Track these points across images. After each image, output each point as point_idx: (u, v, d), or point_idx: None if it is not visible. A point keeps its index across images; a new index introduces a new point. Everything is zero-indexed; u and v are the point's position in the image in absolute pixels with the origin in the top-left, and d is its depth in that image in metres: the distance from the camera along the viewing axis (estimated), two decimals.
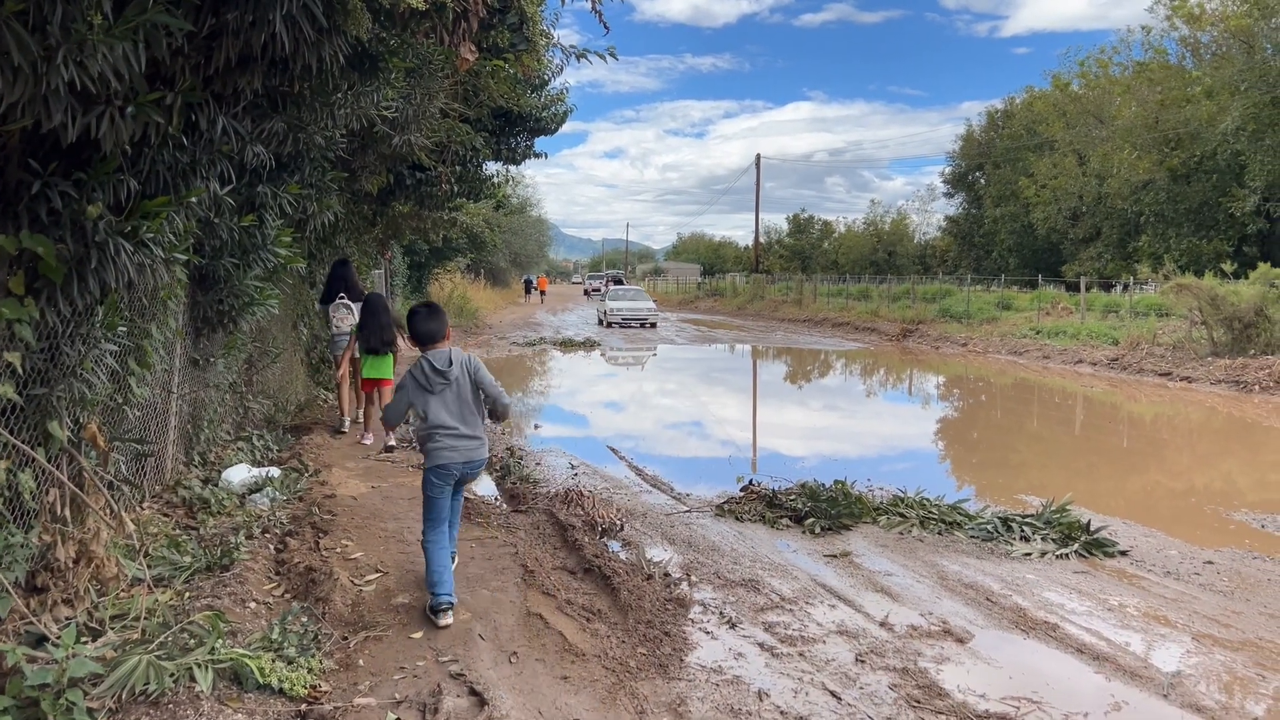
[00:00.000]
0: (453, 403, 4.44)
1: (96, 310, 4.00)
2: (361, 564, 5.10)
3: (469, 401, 4.48)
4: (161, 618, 3.70)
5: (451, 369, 4.45)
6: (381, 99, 5.54)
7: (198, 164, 4.20)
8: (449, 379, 4.43)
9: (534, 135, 12.18)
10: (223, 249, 5.71)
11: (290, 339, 10.01)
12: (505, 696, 3.56)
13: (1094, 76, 43.02)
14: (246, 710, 3.27)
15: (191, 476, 6.06)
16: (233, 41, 3.69)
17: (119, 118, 3.32)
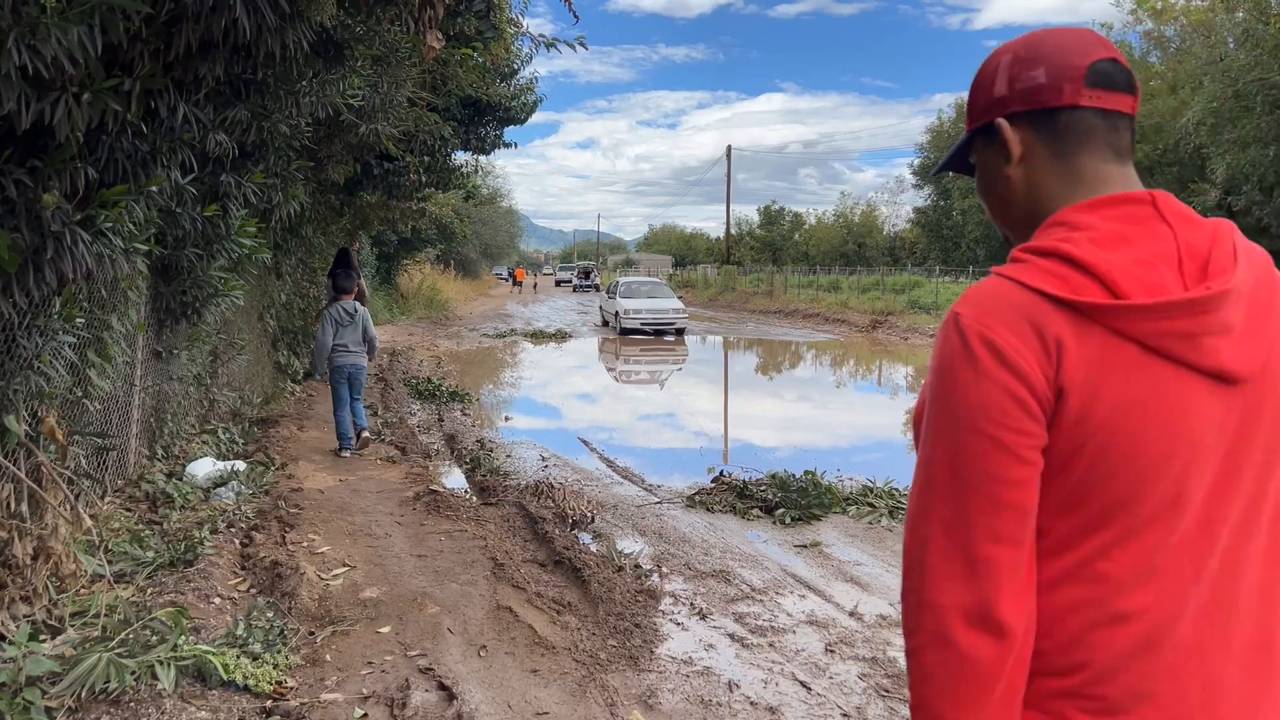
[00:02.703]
0: (351, 334, 7.90)
1: (54, 301, 3.92)
2: (328, 558, 5.05)
3: (359, 336, 7.96)
4: (122, 614, 3.63)
5: (356, 314, 7.95)
6: (347, 87, 5.46)
7: (158, 152, 4.11)
8: (355, 319, 7.93)
9: (503, 125, 12.09)
10: (185, 239, 5.61)
11: (256, 331, 9.89)
12: (474, 690, 3.53)
13: None
14: (210, 707, 3.22)
15: (155, 470, 5.97)
16: (193, 27, 3.61)
17: (75, 104, 3.24)
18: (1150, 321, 1.08)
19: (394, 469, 7.57)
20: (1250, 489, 1.12)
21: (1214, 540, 1.10)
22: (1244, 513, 1.12)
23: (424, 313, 29.42)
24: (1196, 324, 1.09)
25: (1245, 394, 1.12)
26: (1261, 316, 1.14)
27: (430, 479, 7.24)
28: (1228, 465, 1.11)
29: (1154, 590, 1.09)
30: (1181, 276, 1.12)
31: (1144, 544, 1.09)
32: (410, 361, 16.28)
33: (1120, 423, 1.07)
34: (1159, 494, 1.08)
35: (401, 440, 8.85)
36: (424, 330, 24.28)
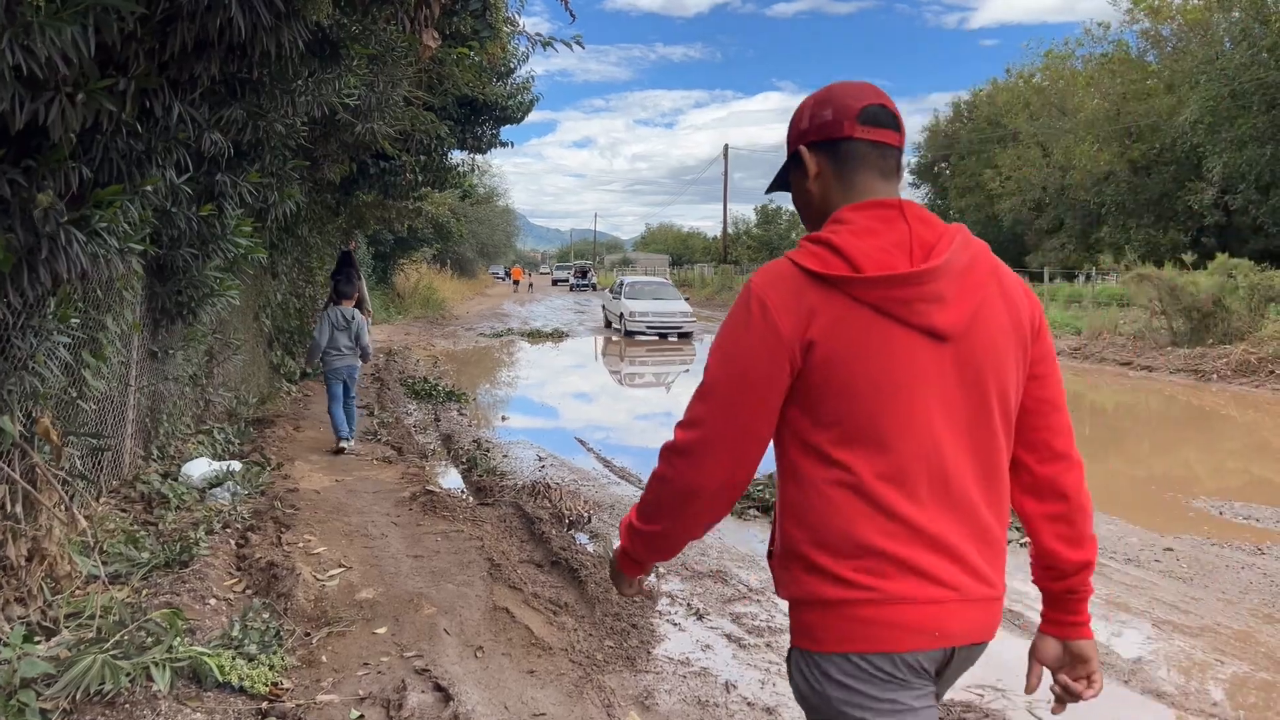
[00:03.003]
0: (344, 338, 8.19)
1: (48, 302, 3.91)
2: (324, 559, 5.04)
3: (352, 341, 8.24)
4: (118, 616, 3.62)
5: (353, 320, 8.27)
6: (344, 86, 5.44)
7: (153, 152, 4.10)
8: (350, 325, 8.23)
9: (500, 124, 12.07)
10: (181, 239, 5.59)
11: (252, 330, 9.87)
12: (471, 691, 3.52)
13: (1056, 69, 43.49)
14: (206, 709, 3.21)
15: (150, 471, 5.95)
16: (188, 26, 3.60)
17: (69, 104, 3.23)
18: (877, 290, 1.51)
19: (390, 469, 7.56)
20: (970, 411, 1.57)
21: (941, 445, 1.55)
22: (966, 426, 1.57)
23: (420, 312, 29.40)
24: (912, 293, 1.51)
25: (957, 345, 1.55)
26: (969, 291, 1.56)
27: (427, 479, 7.23)
28: (949, 395, 1.55)
29: (902, 484, 1.53)
30: (910, 260, 1.54)
31: (888, 452, 1.53)
32: (407, 361, 16.26)
33: (858, 365, 1.51)
34: (894, 415, 1.52)
35: (398, 440, 8.84)
36: (420, 330, 24.26)
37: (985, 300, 1.59)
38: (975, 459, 1.60)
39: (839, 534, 1.54)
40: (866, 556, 1.53)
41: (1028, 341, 1.64)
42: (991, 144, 44.98)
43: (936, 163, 53.23)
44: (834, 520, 1.55)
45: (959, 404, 1.57)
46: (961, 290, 1.56)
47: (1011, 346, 1.61)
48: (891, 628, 1.53)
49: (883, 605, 1.53)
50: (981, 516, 1.61)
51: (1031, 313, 1.66)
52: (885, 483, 1.53)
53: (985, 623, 1.63)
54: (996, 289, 1.62)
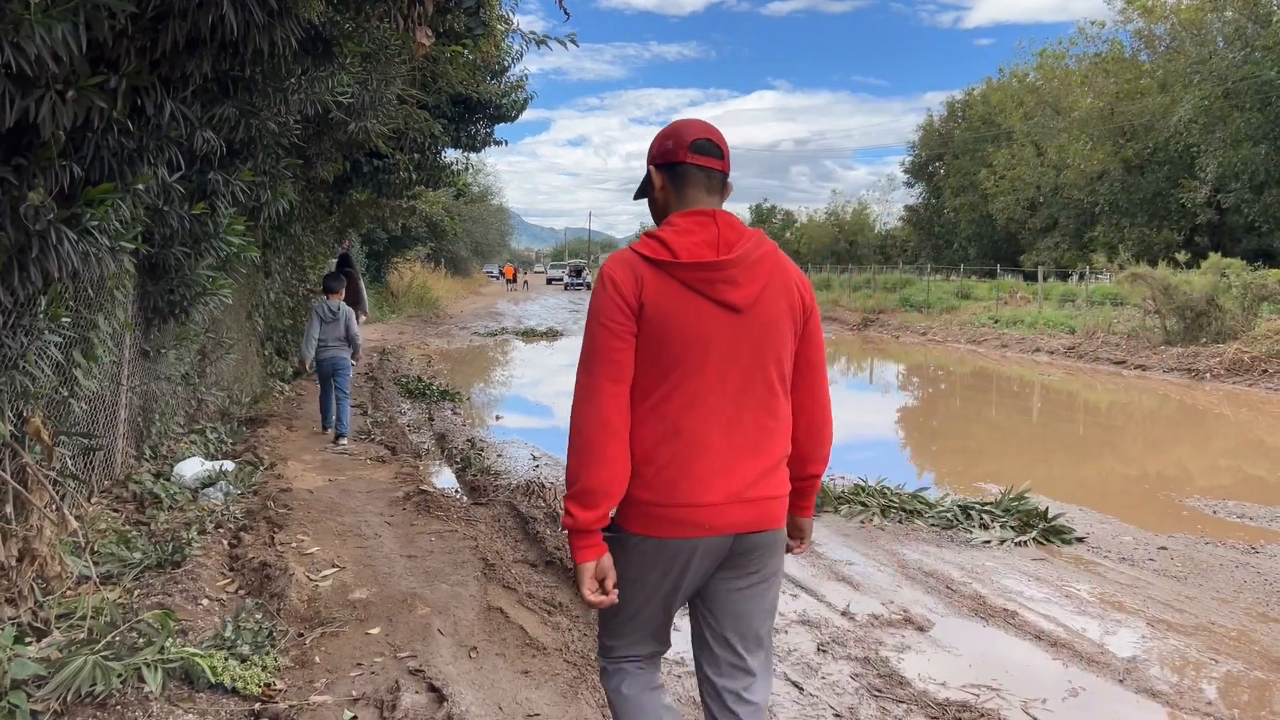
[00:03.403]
0: (333, 330, 8.53)
1: (39, 300, 3.88)
2: (318, 559, 5.02)
3: (341, 333, 8.56)
4: (109, 616, 3.60)
5: (339, 313, 8.57)
6: (336, 84, 5.41)
7: (145, 150, 4.07)
8: (337, 317, 8.55)
9: (494, 122, 12.04)
10: (173, 237, 5.56)
11: (245, 330, 9.84)
12: (465, 692, 3.51)
13: (1050, 68, 43.55)
14: (198, 710, 3.19)
15: (142, 470, 5.92)
16: (179, 23, 3.58)
17: (59, 102, 3.21)
18: (689, 272, 2.13)
19: (384, 469, 7.53)
20: (753, 364, 2.18)
21: (728, 387, 2.16)
22: (744, 376, 2.17)
23: (414, 311, 29.35)
24: (714, 275, 2.13)
25: (745, 316, 2.16)
26: (757, 277, 2.18)
27: (420, 479, 7.21)
28: (739, 350, 2.16)
29: (696, 415, 2.14)
30: (716, 253, 2.15)
31: (686, 390, 2.13)
32: (400, 360, 16.23)
33: (671, 323, 2.11)
34: (696, 361, 2.13)
35: (392, 440, 8.82)
36: (414, 329, 24.23)
37: (769, 285, 2.21)
38: (754, 398, 2.20)
39: (645, 444, 2.16)
40: (660, 464, 2.15)
41: (800, 317, 2.28)
42: (986, 143, 45.04)
43: (931, 162, 53.28)
44: (645, 438, 2.16)
45: (746, 358, 2.19)
46: (751, 277, 2.18)
47: (787, 320, 2.24)
48: (668, 521, 2.17)
49: (662, 506, 2.16)
50: (758, 438, 2.21)
51: (803, 297, 2.29)
52: (686, 409, 2.15)
53: (760, 516, 2.22)
54: (779, 278, 2.24)
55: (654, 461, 2.14)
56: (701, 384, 2.14)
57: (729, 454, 2.17)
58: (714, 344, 2.14)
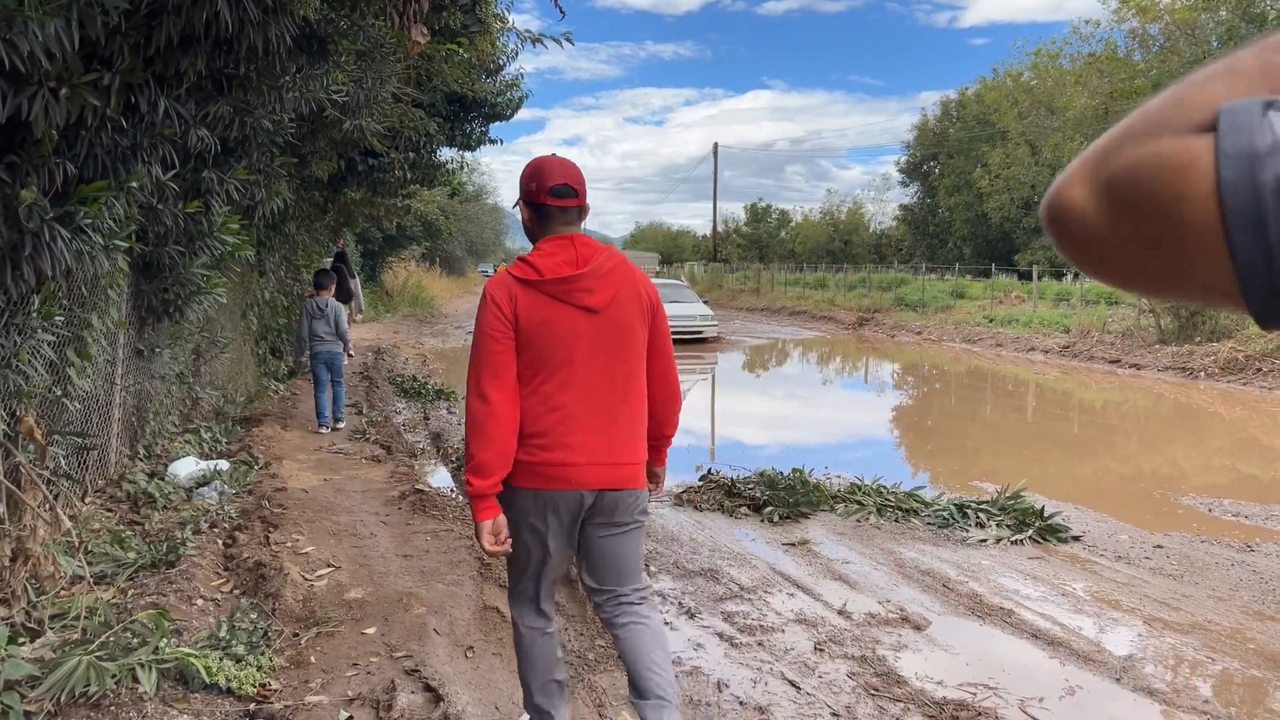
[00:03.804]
0: (323, 326, 8.86)
1: (33, 299, 3.86)
2: (313, 558, 5.00)
3: (331, 328, 8.89)
4: (103, 616, 3.58)
5: (328, 308, 8.93)
6: (331, 82, 5.40)
7: (138, 148, 4.06)
8: (326, 313, 8.90)
9: (489, 121, 12.02)
10: (167, 236, 5.54)
11: (239, 329, 9.81)
12: (461, 692, 3.50)
13: (1044, 67, 43.63)
14: (192, 711, 3.18)
15: (136, 470, 5.90)
16: (173, 20, 3.57)
17: (52, 99, 3.19)
18: (553, 286, 2.69)
19: (379, 468, 7.51)
20: (612, 356, 2.74)
21: (593, 372, 2.71)
22: (606, 363, 2.73)
23: (409, 310, 29.29)
24: (573, 287, 2.70)
25: (602, 316, 2.73)
26: (609, 285, 2.75)
27: (416, 478, 7.19)
28: (596, 344, 2.72)
29: (567, 396, 2.69)
30: (574, 269, 2.71)
31: (559, 377, 2.69)
32: (395, 359, 16.20)
33: (544, 327, 2.67)
34: (565, 355, 2.68)
35: (387, 439, 8.79)
36: (409, 328, 24.18)
37: (620, 291, 2.79)
38: (615, 381, 2.78)
39: (531, 422, 2.72)
40: (539, 435, 2.72)
41: (648, 314, 2.87)
42: (980, 143, 45.09)
43: (925, 161, 53.32)
44: (529, 415, 2.72)
45: (606, 349, 2.76)
46: (603, 285, 2.76)
47: (637, 317, 2.83)
48: (543, 476, 2.73)
49: (540, 465, 2.73)
50: (617, 414, 2.78)
51: (650, 297, 2.89)
52: (558, 391, 2.72)
53: (616, 477, 2.79)
54: (628, 284, 2.81)
55: (537, 432, 2.73)
56: (572, 372, 2.74)
57: (595, 426, 2.75)
58: (579, 340, 2.74)
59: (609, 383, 2.77)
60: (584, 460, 2.73)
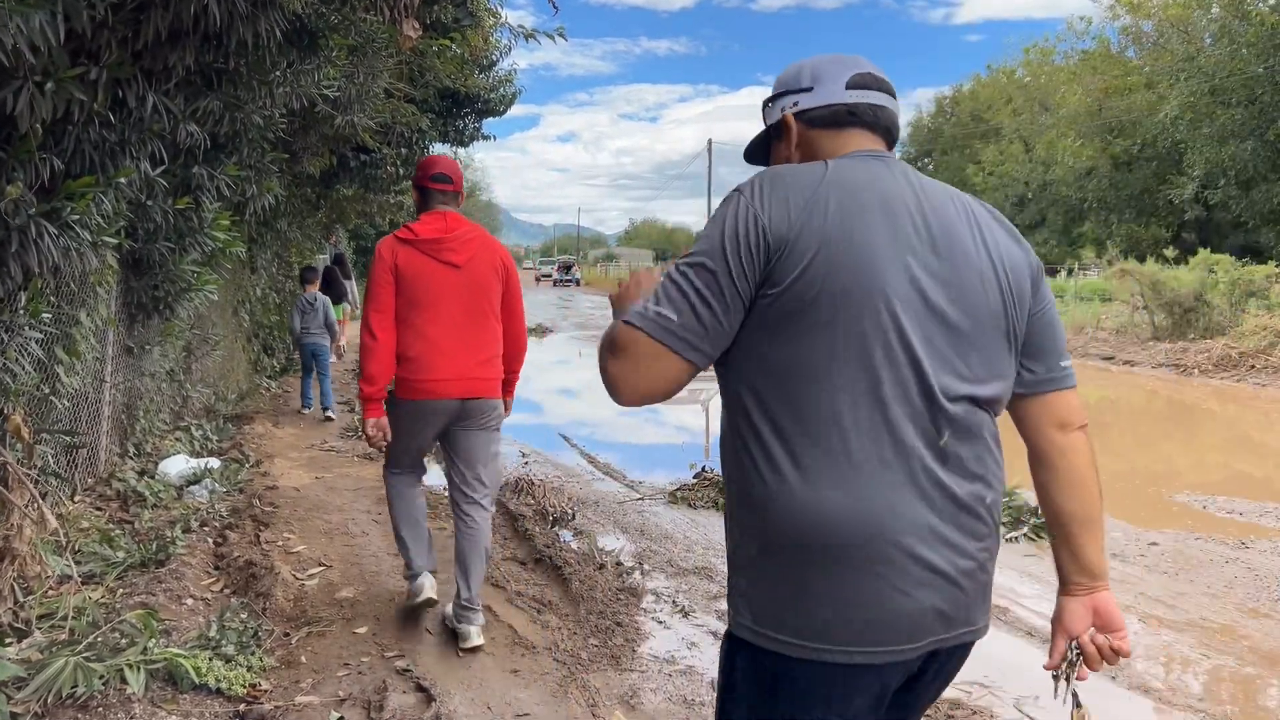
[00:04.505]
0: (313, 319, 9.54)
1: (19, 296, 3.82)
2: (304, 557, 4.97)
3: (320, 321, 9.54)
4: (91, 617, 3.54)
5: (317, 302, 9.60)
6: (322, 78, 5.35)
7: (127, 143, 4.01)
8: (315, 307, 9.55)
9: (482, 117, 11.97)
10: (157, 232, 5.49)
11: (231, 326, 9.77)
12: (453, 692, 3.47)
13: (1036, 64, 43.66)
14: (181, 712, 3.15)
15: (126, 468, 5.86)
16: (161, 14, 3.52)
17: (38, 94, 3.14)
18: (425, 245, 3.74)
19: (371, 466, 7.47)
20: (471, 301, 3.79)
21: (455, 311, 3.76)
22: (465, 305, 3.78)
23: None
24: (439, 247, 3.75)
25: (462, 271, 3.77)
26: (467, 247, 3.80)
27: None
28: (458, 291, 3.76)
29: (434, 329, 3.73)
30: (444, 233, 3.76)
31: (428, 314, 3.72)
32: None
33: (418, 276, 3.71)
34: (433, 297, 3.73)
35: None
36: None
37: (477, 253, 3.81)
38: (473, 319, 3.80)
39: (405, 347, 3.72)
40: (414, 358, 3.71)
41: (501, 274, 3.89)
42: (974, 139, 45.13)
43: (920, 158, 53.35)
44: (405, 342, 3.72)
45: (465, 295, 3.77)
46: (464, 248, 3.78)
47: (491, 274, 3.85)
48: (418, 390, 3.74)
49: (415, 381, 3.73)
50: (473, 343, 3.75)
51: (504, 262, 3.93)
52: (428, 325, 3.70)
53: (473, 389, 3.80)
54: (484, 250, 3.84)
55: (412, 357, 3.74)
56: (439, 310, 3.74)
57: (456, 351, 3.75)
58: (444, 287, 3.75)
59: (467, 318, 3.79)
60: (447, 377, 3.74)
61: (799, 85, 1.69)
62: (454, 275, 3.74)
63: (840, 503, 1.44)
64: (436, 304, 3.70)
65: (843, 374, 1.44)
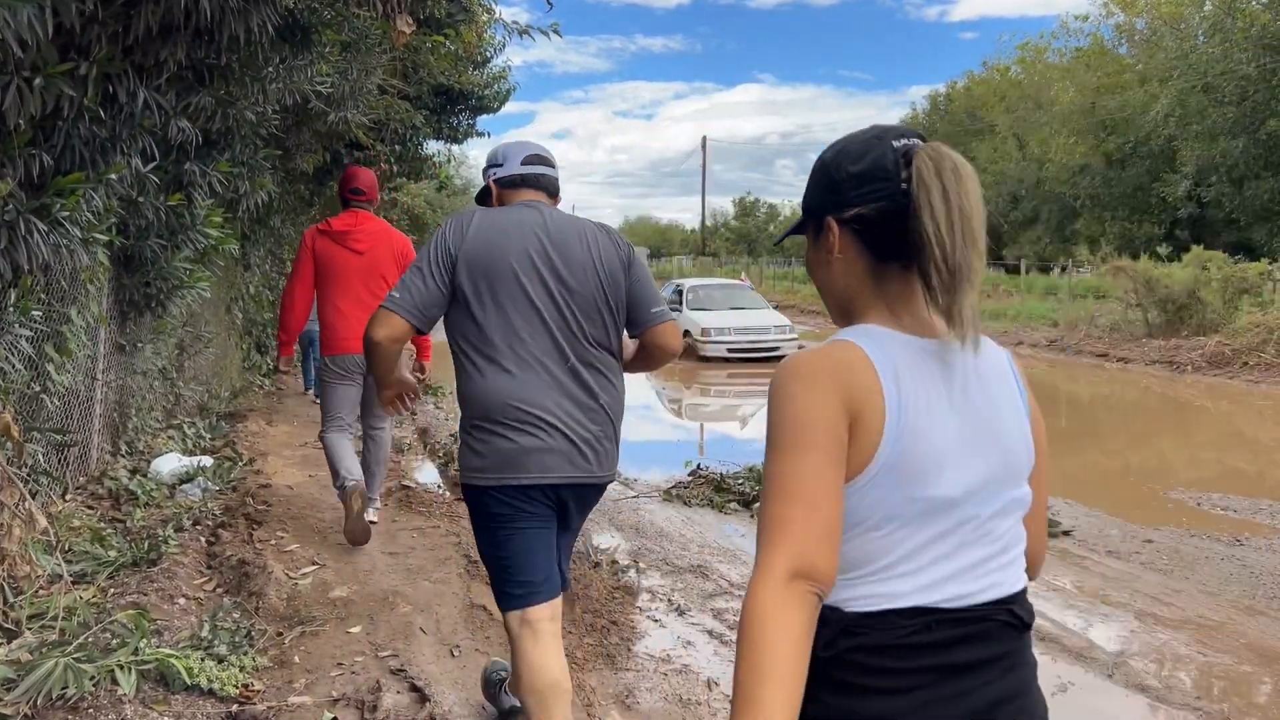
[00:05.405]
0: None
1: (9, 294, 3.78)
2: (297, 556, 4.94)
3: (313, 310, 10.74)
4: (82, 617, 3.51)
5: None
6: (316, 74, 5.32)
7: (117, 139, 3.97)
8: None
9: (476, 114, 11.94)
10: (149, 229, 5.45)
11: (224, 323, 9.72)
12: (447, 691, 3.45)
13: (1030, 60, 43.71)
14: (173, 712, 3.12)
15: (118, 467, 5.82)
16: (152, 8, 3.48)
17: (26, 89, 3.11)
18: (336, 235, 5.00)
19: None
20: (368, 278, 4.97)
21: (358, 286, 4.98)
22: (365, 283, 4.96)
23: None
24: (346, 237, 4.99)
25: (365, 256, 4.98)
26: (370, 238, 5.02)
27: (402, 474, 7.13)
28: (362, 272, 4.96)
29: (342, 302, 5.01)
30: (353, 227, 5.02)
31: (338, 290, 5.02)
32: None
33: (331, 260, 5.00)
34: (339, 276, 5.00)
35: None
36: None
37: (377, 242, 5.00)
38: (371, 292, 4.81)
39: (322, 314, 5.03)
40: (330, 323, 5.01)
41: (399, 259, 4.95)
42: (968, 137, 45.16)
43: None
44: (321, 310, 5.04)
45: (365, 277, 4.92)
46: (367, 238, 4.99)
47: (389, 259, 4.99)
48: (333, 347, 5.05)
49: (331, 339, 5.06)
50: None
51: (403, 250, 5.06)
52: (338, 298, 4.95)
53: None
54: (384, 240, 5.03)
55: (328, 321, 4.98)
56: (346, 286, 4.92)
57: (361, 317, 4.26)
58: (350, 267, 4.93)
59: (368, 292, 4.82)
60: (353, 335, 4.69)
61: (496, 162, 2.84)
62: (356, 259, 4.94)
63: (505, 393, 2.54)
64: (342, 281, 4.92)
65: (501, 320, 2.56)
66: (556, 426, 2.55)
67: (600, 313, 2.64)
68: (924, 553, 1.27)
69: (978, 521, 1.30)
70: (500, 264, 2.56)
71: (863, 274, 1.39)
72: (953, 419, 1.30)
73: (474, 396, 2.60)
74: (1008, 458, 1.35)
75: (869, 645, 1.25)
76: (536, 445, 2.53)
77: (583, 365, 2.60)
